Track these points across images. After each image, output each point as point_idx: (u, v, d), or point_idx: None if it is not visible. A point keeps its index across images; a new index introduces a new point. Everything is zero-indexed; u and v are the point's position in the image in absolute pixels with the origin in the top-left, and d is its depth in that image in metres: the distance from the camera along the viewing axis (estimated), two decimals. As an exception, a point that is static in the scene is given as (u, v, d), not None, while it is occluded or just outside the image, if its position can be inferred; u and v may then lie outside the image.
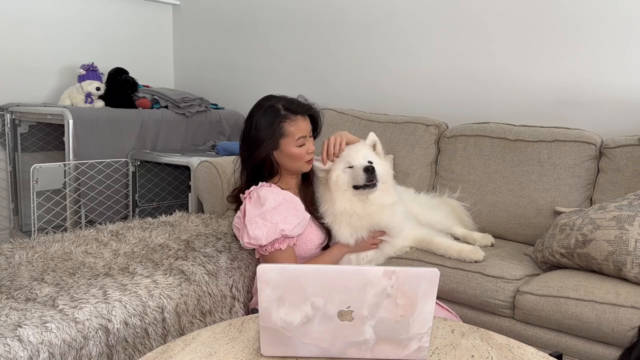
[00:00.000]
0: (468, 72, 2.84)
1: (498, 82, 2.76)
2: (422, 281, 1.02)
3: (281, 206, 1.69)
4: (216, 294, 1.77)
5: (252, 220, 1.68)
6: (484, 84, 2.81)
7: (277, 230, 1.67)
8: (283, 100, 1.77)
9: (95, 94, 3.39)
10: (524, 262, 1.98)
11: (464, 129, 2.53)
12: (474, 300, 1.89)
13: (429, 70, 2.98)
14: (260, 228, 1.66)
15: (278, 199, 1.70)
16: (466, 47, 2.84)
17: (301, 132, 1.74)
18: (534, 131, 2.35)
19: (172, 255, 1.89)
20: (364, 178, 1.75)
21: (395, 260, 2.01)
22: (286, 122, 1.72)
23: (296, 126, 1.73)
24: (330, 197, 1.80)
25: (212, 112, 3.76)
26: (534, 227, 2.23)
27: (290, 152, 1.74)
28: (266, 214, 1.67)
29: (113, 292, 1.56)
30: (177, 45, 4.25)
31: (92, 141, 3.13)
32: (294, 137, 1.73)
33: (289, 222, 1.68)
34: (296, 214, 1.72)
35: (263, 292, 1.03)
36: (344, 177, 1.79)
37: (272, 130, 1.72)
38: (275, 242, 1.69)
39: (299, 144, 1.74)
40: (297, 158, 1.76)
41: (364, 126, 2.78)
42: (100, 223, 2.36)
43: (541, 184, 2.25)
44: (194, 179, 2.72)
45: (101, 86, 3.43)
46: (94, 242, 2.00)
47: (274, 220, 1.67)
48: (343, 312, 1.03)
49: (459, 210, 2.34)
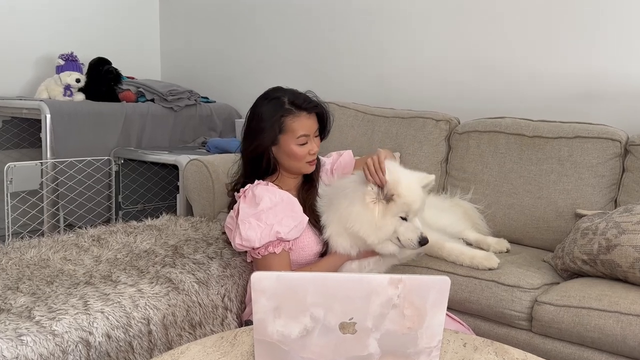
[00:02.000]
0: (481, 62, 2.84)
1: (514, 73, 2.76)
2: (432, 290, 1.02)
3: (277, 206, 1.69)
4: (207, 304, 1.77)
5: (246, 220, 1.68)
6: (498, 75, 2.80)
7: (272, 232, 1.67)
8: (290, 93, 1.77)
9: (74, 86, 3.39)
10: (542, 270, 1.98)
11: (477, 124, 2.53)
12: (487, 311, 1.89)
13: (438, 61, 2.98)
14: (254, 229, 1.67)
15: (274, 198, 1.71)
16: (479, 34, 2.84)
17: (304, 130, 1.74)
18: (553, 127, 2.35)
19: (159, 262, 1.88)
20: (415, 246, 1.76)
21: (402, 268, 2.01)
22: (288, 117, 1.73)
23: (299, 123, 1.73)
24: (365, 214, 1.76)
25: (202, 106, 3.76)
26: (553, 232, 2.23)
27: (290, 151, 1.74)
28: (261, 214, 1.68)
29: (94, 303, 1.55)
30: (164, 33, 4.25)
31: (71, 138, 3.13)
32: (295, 135, 1.73)
33: (285, 224, 1.68)
34: (293, 215, 1.72)
35: (258, 302, 1.03)
36: (395, 224, 1.76)
37: (271, 123, 1.72)
38: (269, 245, 1.69)
39: (300, 142, 1.74)
40: (297, 157, 1.76)
41: (368, 121, 2.78)
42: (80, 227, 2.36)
43: (561, 185, 2.25)
44: (183, 178, 2.72)
45: (81, 78, 3.42)
46: (73, 248, 2.00)
47: (268, 221, 1.67)
48: (345, 324, 1.03)
49: (472, 213, 2.33)
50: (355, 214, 1.76)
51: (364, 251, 1.84)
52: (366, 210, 1.76)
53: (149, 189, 3.56)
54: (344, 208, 1.79)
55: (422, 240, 1.75)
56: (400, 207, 1.74)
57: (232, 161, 2.60)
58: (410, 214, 1.76)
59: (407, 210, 1.75)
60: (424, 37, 3.02)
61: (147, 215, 3.11)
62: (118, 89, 3.53)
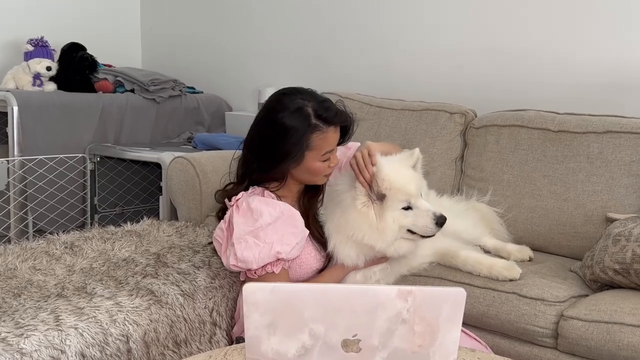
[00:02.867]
0: (500, 48, 2.84)
1: (537, 61, 2.76)
2: (445, 303, 1.02)
3: (278, 222, 1.68)
4: (193, 319, 1.76)
5: (242, 239, 1.66)
6: (519, 62, 2.80)
7: (272, 253, 1.66)
8: (313, 100, 1.72)
9: (45, 74, 3.39)
10: (569, 281, 1.98)
11: (496, 117, 2.53)
12: (508, 326, 1.89)
13: (452, 46, 2.98)
14: (251, 248, 1.65)
15: (274, 212, 1.69)
16: (498, 17, 2.84)
17: (330, 146, 1.73)
18: (581, 120, 2.35)
19: (139, 272, 1.88)
20: (434, 230, 1.75)
21: (412, 279, 2.01)
22: (315, 133, 1.70)
23: (325, 140, 1.72)
24: (364, 223, 1.76)
25: (188, 97, 3.75)
26: (581, 238, 2.23)
27: (313, 167, 1.74)
28: (259, 231, 1.66)
29: (67, 317, 1.55)
30: (145, 17, 4.25)
31: (41, 133, 3.12)
32: (320, 152, 1.72)
33: (286, 242, 1.67)
34: (295, 232, 1.70)
35: (250, 317, 1.02)
36: (400, 219, 1.76)
37: (298, 142, 1.68)
38: (267, 265, 1.69)
39: (325, 158, 1.74)
40: (318, 173, 1.76)
41: (374, 114, 2.78)
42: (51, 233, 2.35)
43: (590, 185, 2.25)
44: (166, 178, 2.72)
45: (53, 65, 3.42)
46: (43, 256, 1.99)
47: (268, 240, 1.66)
48: (348, 341, 1.03)
49: (490, 217, 2.34)
50: (353, 222, 1.77)
51: (369, 260, 1.84)
52: (361, 216, 1.76)
53: (128, 190, 3.56)
54: (338, 217, 1.80)
55: (439, 219, 1.74)
56: (396, 198, 1.75)
57: (221, 159, 2.59)
58: (412, 200, 1.76)
59: (405, 199, 1.76)
60: (436, 20, 3.02)
61: (126, 219, 3.10)
62: (94, 78, 3.52)
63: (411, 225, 1.76)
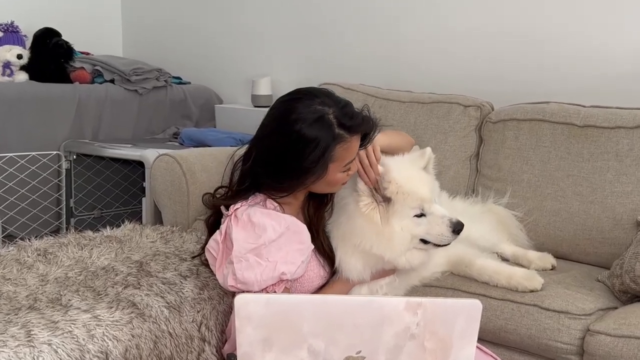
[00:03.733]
0: (519, 34, 2.84)
1: (560, 49, 2.76)
2: (459, 317, 1.02)
3: (282, 237, 1.66)
4: (179, 334, 1.76)
5: (242, 257, 1.64)
6: (540, 50, 2.80)
7: (276, 274, 1.63)
8: (333, 105, 1.68)
9: (15, 63, 3.39)
10: (595, 291, 1.97)
11: (515, 111, 2.53)
12: (528, 342, 1.89)
13: (466, 33, 2.98)
14: (253, 268, 1.63)
15: (279, 228, 1.66)
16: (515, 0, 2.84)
17: (352, 156, 1.71)
18: (610, 114, 2.35)
19: (120, 282, 1.88)
20: (450, 238, 1.75)
21: (422, 289, 2.01)
22: (339, 144, 1.66)
23: (349, 150, 1.69)
24: (373, 232, 1.75)
25: (174, 89, 3.75)
26: (609, 244, 2.23)
27: (333, 179, 1.72)
28: (262, 248, 1.64)
29: (40, 332, 1.54)
30: (126, 1, 4.25)
31: (11, 128, 3.12)
32: (343, 163, 1.70)
33: (291, 260, 1.65)
34: (301, 248, 1.68)
35: (243, 331, 1.02)
36: (411, 228, 1.75)
37: (323, 159, 1.65)
38: (269, 286, 1.67)
39: (346, 168, 1.72)
40: (337, 183, 1.74)
41: (380, 107, 2.78)
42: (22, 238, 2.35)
43: (620, 186, 2.25)
44: (150, 178, 2.72)
45: (24, 53, 3.42)
46: (14, 264, 1.99)
47: (271, 258, 1.63)
48: (351, 358, 1.03)
49: (508, 222, 2.34)
50: (359, 229, 1.76)
51: (376, 272, 1.83)
52: (368, 223, 1.75)
53: (107, 191, 3.56)
54: (344, 225, 1.79)
55: (455, 226, 1.73)
56: (406, 204, 1.74)
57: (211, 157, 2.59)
58: (425, 206, 1.75)
59: (418, 205, 1.75)
60: (448, 4, 3.02)
61: (105, 223, 3.09)
62: (69, 67, 3.53)
63: (424, 234, 1.75)
